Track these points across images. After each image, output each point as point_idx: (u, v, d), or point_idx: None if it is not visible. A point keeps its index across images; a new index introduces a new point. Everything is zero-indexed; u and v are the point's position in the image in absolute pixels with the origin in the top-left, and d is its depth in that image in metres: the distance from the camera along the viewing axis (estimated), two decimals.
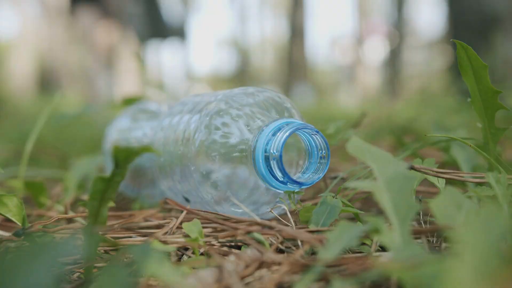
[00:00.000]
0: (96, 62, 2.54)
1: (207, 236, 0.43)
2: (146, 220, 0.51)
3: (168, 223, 0.47)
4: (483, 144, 0.48)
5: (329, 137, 0.56)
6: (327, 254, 0.31)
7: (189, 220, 0.50)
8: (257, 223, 0.42)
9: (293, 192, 0.45)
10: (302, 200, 0.55)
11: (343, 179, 0.55)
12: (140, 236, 0.45)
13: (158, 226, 0.48)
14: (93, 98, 2.64)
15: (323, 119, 2.43)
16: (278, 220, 0.46)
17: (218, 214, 0.46)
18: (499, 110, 0.45)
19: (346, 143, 0.37)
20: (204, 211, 0.45)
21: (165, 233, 0.43)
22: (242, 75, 12.39)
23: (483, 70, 0.43)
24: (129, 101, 0.90)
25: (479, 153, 0.46)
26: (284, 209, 0.46)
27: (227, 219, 0.45)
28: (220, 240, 0.43)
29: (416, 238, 0.41)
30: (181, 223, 0.46)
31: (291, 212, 0.46)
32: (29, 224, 0.45)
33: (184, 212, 0.46)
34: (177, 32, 3.36)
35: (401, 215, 0.32)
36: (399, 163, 0.35)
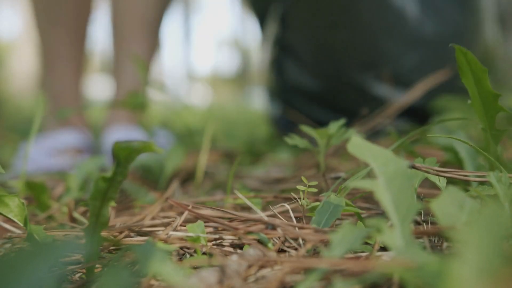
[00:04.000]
0: None
1: (209, 234, 0.43)
2: (149, 219, 0.51)
3: (170, 222, 0.47)
4: (484, 145, 0.48)
5: (330, 137, 0.56)
6: (331, 256, 0.31)
7: (191, 219, 0.50)
8: (260, 222, 0.42)
9: (305, 189, 0.45)
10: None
11: (345, 180, 0.55)
12: (142, 235, 0.45)
13: (161, 226, 0.48)
14: None
15: None
16: (281, 219, 0.46)
17: (222, 210, 0.46)
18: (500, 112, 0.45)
19: (347, 142, 0.37)
20: (205, 208, 0.45)
21: (168, 232, 0.43)
22: (243, 75, 12.39)
23: (482, 74, 0.43)
24: (129, 103, 0.90)
25: (480, 153, 0.46)
26: (287, 208, 0.46)
27: (231, 218, 0.45)
28: (223, 239, 0.43)
29: (418, 238, 0.41)
30: (183, 222, 0.46)
31: (295, 211, 0.46)
32: (31, 224, 0.45)
33: (186, 212, 0.46)
34: None
35: (402, 214, 0.32)
36: (400, 162, 0.35)
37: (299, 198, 0.46)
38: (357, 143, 0.37)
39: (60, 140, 1.05)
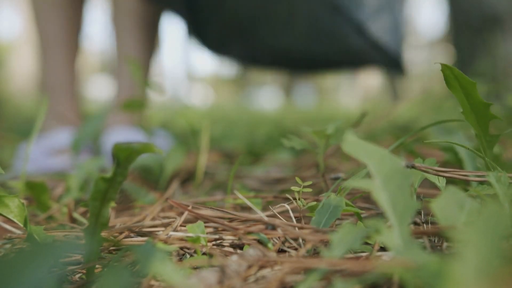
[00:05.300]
0: None
1: (209, 235, 0.43)
2: (149, 220, 0.51)
3: (170, 223, 0.47)
4: (480, 149, 0.48)
5: (329, 137, 0.56)
6: (331, 256, 0.31)
7: (191, 219, 0.50)
8: (260, 223, 0.42)
9: (300, 190, 0.45)
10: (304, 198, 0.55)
11: (344, 180, 0.55)
12: (142, 236, 0.45)
13: (161, 226, 0.48)
14: None
15: (324, 119, 2.44)
16: (281, 219, 0.46)
17: (222, 210, 0.46)
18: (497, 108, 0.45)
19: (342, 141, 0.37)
20: (205, 208, 0.45)
21: (168, 233, 0.43)
22: (243, 76, 12.39)
23: (471, 87, 0.44)
24: (129, 105, 0.90)
25: (477, 155, 0.46)
26: (287, 208, 0.46)
27: (231, 219, 0.45)
28: (223, 239, 0.43)
29: (418, 238, 0.41)
30: (183, 222, 0.46)
31: (294, 211, 0.46)
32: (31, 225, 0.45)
33: (186, 212, 0.46)
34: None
35: (400, 214, 0.32)
36: (395, 160, 0.35)
37: (297, 199, 0.46)
38: (352, 142, 0.37)
39: (58, 140, 1.05)
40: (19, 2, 8.32)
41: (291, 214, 0.45)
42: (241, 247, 0.43)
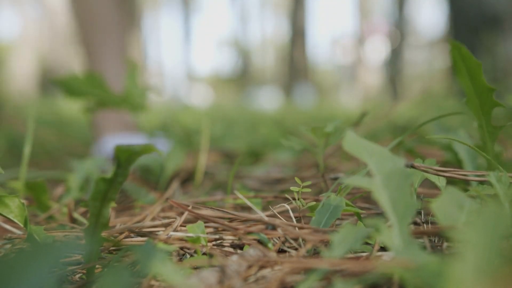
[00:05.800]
0: None
1: (209, 235, 0.43)
2: (149, 220, 0.51)
3: (171, 223, 0.47)
4: (481, 144, 0.48)
5: (328, 136, 0.56)
6: (331, 256, 0.31)
7: (191, 219, 0.50)
8: (260, 223, 0.42)
9: (299, 190, 0.45)
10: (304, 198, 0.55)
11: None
12: (142, 236, 0.45)
13: (161, 226, 0.48)
14: None
15: (324, 119, 2.44)
16: (281, 219, 0.46)
17: (222, 210, 0.46)
18: (497, 108, 0.45)
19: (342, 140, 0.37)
20: (205, 208, 0.45)
21: (168, 233, 0.43)
22: (243, 76, 12.39)
23: (477, 68, 0.43)
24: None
25: (479, 153, 0.46)
26: (287, 208, 0.46)
27: (231, 219, 0.45)
28: (223, 239, 0.43)
29: (418, 238, 0.41)
30: (183, 223, 0.46)
31: (294, 211, 0.46)
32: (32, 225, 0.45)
33: (186, 212, 0.46)
34: None
35: (400, 213, 0.32)
36: (396, 159, 0.35)
37: (297, 199, 0.46)
38: (352, 140, 0.37)
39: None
40: (19, 2, 8.32)
41: (291, 214, 0.45)
42: (241, 247, 0.43)
